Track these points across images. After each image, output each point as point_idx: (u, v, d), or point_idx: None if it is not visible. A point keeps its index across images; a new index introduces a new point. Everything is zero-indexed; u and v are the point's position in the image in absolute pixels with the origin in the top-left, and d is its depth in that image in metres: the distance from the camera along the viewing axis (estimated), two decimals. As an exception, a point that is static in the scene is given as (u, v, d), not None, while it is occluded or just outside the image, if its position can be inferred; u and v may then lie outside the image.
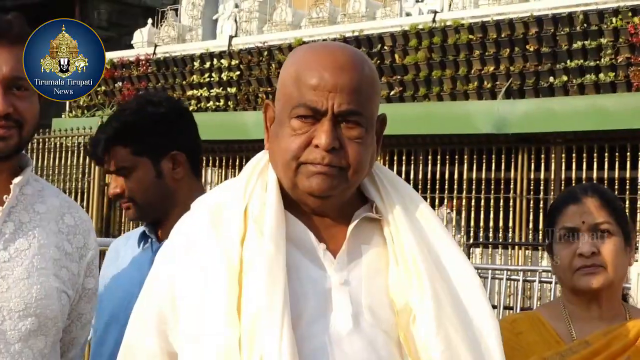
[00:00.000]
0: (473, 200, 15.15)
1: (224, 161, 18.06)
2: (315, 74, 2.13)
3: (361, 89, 2.15)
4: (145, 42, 22.42)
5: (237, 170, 17.91)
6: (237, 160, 17.80)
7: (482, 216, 15.01)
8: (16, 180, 2.73)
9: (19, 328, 2.61)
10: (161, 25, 22.71)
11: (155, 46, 21.59)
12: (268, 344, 1.99)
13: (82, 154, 17.51)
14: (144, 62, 20.65)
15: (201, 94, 19.42)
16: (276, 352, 1.97)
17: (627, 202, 13.31)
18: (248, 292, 2.06)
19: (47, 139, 18.40)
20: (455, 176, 15.26)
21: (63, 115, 20.15)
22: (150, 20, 23.13)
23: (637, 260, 9.47)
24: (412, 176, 14.98)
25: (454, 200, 15.24)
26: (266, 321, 2.00)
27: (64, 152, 18.07)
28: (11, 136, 2.71)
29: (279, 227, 2.12)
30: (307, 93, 2.12)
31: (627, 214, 12.14)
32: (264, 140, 2.29)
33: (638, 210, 12.15)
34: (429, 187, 15.14)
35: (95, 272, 2.92)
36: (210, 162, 18.23)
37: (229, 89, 19.15)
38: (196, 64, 19.95)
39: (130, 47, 22.68)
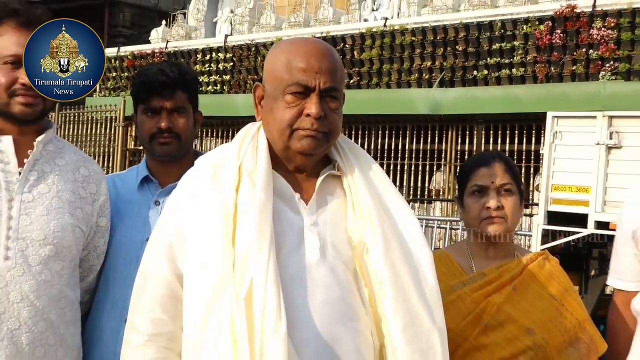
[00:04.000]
0: (413, 166, 15.19)
1: (219, 132, 18.00)
2: (304, 59, 2.19)
3: (337, 71, 2.23)
4: (159, 39, 22.19)
5: (229, 139, 17.84)
6: (229, 132, 17.73)
7: (419, 178, 15.08)
8: (39, 138, 2.72)
9: (39, 254, 2.62)
10: (172, 26, 22.48)
11: (167, 42, 21.37)
12: (257, 271, 2.03)
13: (109, 126, 17.41)
14: (158, 54, 20.45)
15: (202, 80, 19.25)
16: (263, 277, 2.02)
17: (532, 169, 13.44)
18: (242, 229, 2.10)
19: (81, 114, 18.26)
20: (400, 147, 15.27)
21: (94, 95, 19.96)
22: (164, 22, 22.86)
23: (537, 214, 9.61)
24: (366, 147, 14.82)
25: (398, 166, 15.28)
26: (256, 253, 2.05)
27: (94, 124, 17.92)
28: (37, 104, 2.69)
29: (268, 180, 2.17)
30: (298, 74, 2.18)
31: (530, 177, 12.17)
32: (255, 114, 2.34)
33: (539, 175, 12.25)
34: (379, 155, 15.08)
35: (106, 212, 2.90)
36: (209, 133, 18.16)
37: (224, 77, 19.01)
38: (199, 56, 19.77)
39: (148, 42, 22.45)
